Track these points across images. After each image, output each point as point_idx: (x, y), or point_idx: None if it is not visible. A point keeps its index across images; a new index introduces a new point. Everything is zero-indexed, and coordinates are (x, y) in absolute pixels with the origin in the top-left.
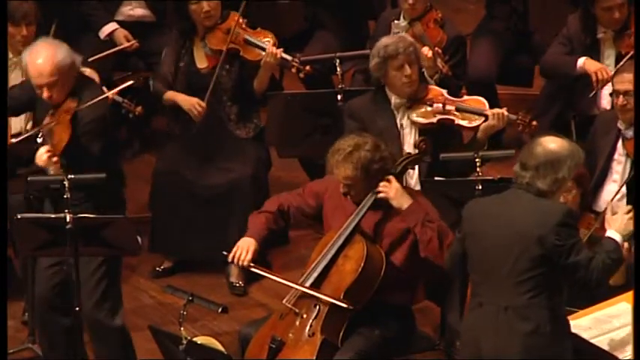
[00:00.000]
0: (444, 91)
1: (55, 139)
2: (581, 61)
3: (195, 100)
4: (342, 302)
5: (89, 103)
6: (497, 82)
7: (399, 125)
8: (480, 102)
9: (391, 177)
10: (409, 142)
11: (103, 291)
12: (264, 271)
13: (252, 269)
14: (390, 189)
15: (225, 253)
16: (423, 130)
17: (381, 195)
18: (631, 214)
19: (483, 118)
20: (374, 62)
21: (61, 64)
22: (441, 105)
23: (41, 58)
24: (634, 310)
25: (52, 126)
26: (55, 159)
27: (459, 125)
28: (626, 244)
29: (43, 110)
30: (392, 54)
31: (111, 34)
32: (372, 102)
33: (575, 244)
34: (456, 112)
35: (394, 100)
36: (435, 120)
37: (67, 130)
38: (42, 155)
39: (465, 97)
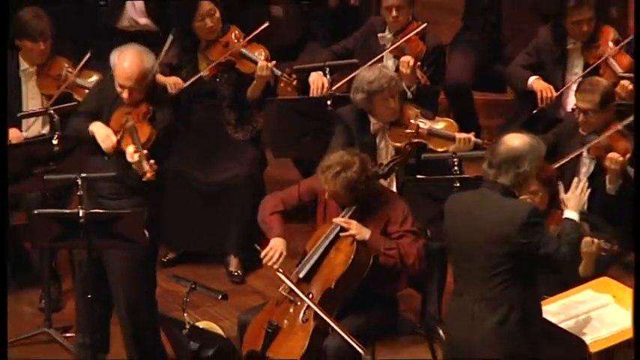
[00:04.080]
0: (419, 112)
1: (142, 138)
2: (531, 80)
3: (174, 78)
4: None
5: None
6: (473, 88)
7: (377, 145)
8: (451, 125)
9: (347, 219)
10: (385, 159)
11: (141, 285)
12: (286, 277)
13: (279, 274)
14: (351, 228)
15: (258, 247)
16: (397, 149)
17: (343, 234)
18: (583, 189)
19: (453, 142)
20: (359, 97)
21: (145, 70)
22: (414, 130)
23: (128, 62)
24: (634, 309)
25: (135, 125)
26: (145, 152)
27: (430, 148)
28: (596, 241)
29: (106, 115)
30: (377, 90)
31: None
32: (357, 115)
33: (541, 238)
34: (428, 136)
35: (373, 124)
36: (408, 144)
37: (149, 128)
38: (132, 154)
39: (438, 119)
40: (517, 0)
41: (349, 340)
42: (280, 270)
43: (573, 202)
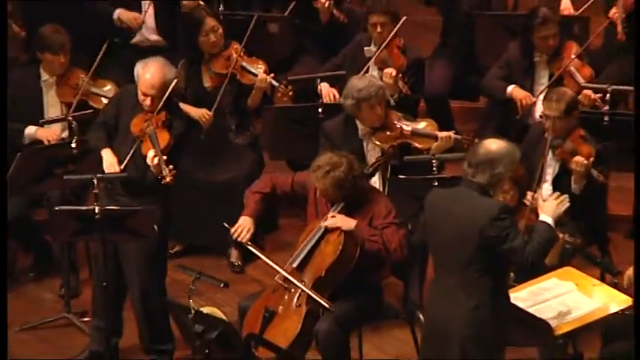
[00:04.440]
0: (401, 115)
1: (161, 144)
2: (510, 89)
3: (203, 110)
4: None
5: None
6: (450, 97)
7: (365, 148)
8: (432, 125)
9: (333, 212)
10: (372, 160)
11: (154, 274)
12: (258, 250)
13: (249, 247)
14: (336, 221)
15: (227, 225)
16: (382, 151)
17: (330, 226)
18: (560, 200)
19: (435, 140)
20: (349, 103)
21: (167, 80)
22: (398, 132)
23: (151, 73)
24: (634, 309)
25: (154, 131)
26: (164, 157)
27: (414, 147)
28: (561, 235)
29: (125, 121)
30: (365, 97)
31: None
32: (344, 126)
33: (510, 233)
34: (411, 136)
35: (361, 129)
36: (394, 144)
37: (168, 135)
38: (152, 158)
39: (419, 120)
40: (489, 18)
41: (314, 296)
42: (250, 244)
43: (549, 210)
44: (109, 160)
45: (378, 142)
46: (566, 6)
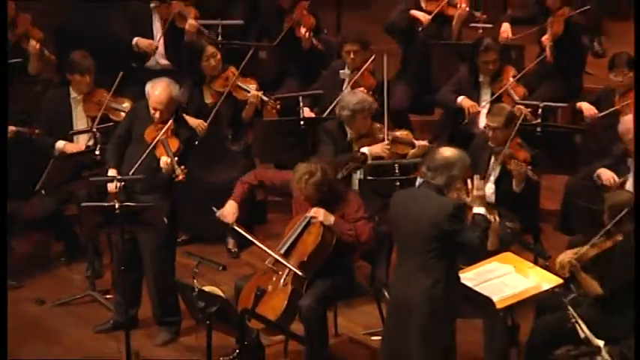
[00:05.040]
0: (381, 126)
1: (173, 148)
2: (460, 99)
3: (200, 121)
4: (299, 271)
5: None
6: (409, 112)
7: (353, 150)
8: (409, 134)
9: (317, 208)
10: None
11: (165, 258)
12: (244, 231)
13: (235, 227)
14: (319, 215)
15: (215, 209)
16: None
17: (313, 220)
18: (477, 189)
19: (412, 147)
20: (345, 114)
21: (172, 97)
22: (381, 139)
23: (159, 90)
24: (635, 309)
25: (166, 139)
26: (176, 159)
27: (395, 153)
28: (498, 219)
29: (138, 132)
30: (360, 109)
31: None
32: (337, 129)
33: (462, 228)
34: (392, 144)
35: (350, 134)
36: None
37: (177, 141)
38: (166, 162)
39: (397, 130)
40: (442, 47)
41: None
42: (235, 223)
43: (476, 202)
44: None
45: (366, 150)
46: (505, 29)
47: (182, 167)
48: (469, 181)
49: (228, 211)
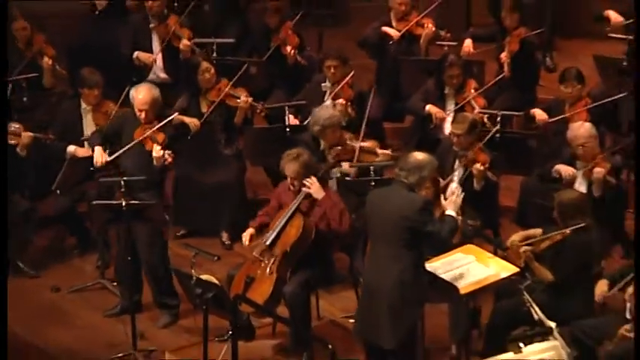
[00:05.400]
0: (352, 135)
1: (159, 140)
2: (428, 107)
3: (194, 119)
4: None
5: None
6: (383, 120)
7: (326, 157)
8: (375, 144)
9: (313, 178)
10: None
11: (158, 248)
12: (270, 252)
13: (250, 246)
14: (313, 185)
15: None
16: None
17: (306, 189)
18: (455, 197)
19: (376, 156)
20: (316, 128)
21: (153, 99)
22: (351, 148)
23: (142, 94)
24: (635, 308)
25: (153, 134)
26: (166, 151)
27: (362, 160)
28: (461, 218)
29: (129, 134)
30: (329, 124)
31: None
32: (312, 140)
33: (429, 221)
34: (359, 153)
35: (323, 145)
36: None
37: (162, 134)
38: (157, 151)
39: (365, 140)
40: (411, 62)
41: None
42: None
43: (451, 206)
44: (99, 152)
45: (335, 158)
46: (467, 44)
47: (169, 152)
48: (449, 188)
49: (246, 235)
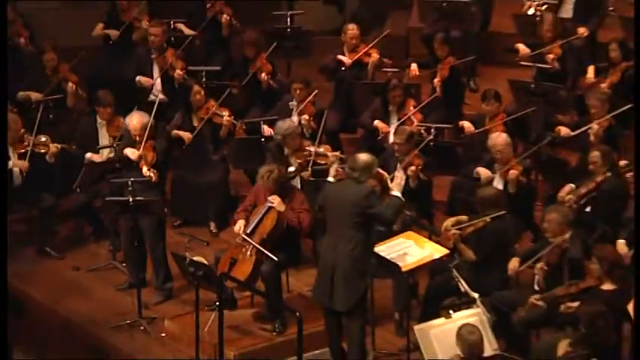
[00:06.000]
0: (310, 142)
1: (150, 160)
2: (375, 122)
3: (188, 133)
4: (260, 247)
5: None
6: (340, 131)
7: (290, 162)
8: (329, 149)
9: (275, 196)
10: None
11: (159, 236)
12: (249, 239)
13: (245, 237)
14: (275, 201)
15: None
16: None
17: (269, 204)
18: (400, 179)
19: (329, 159)
20: (279, 137)
21: (144, 123)
22: (308, 153)
23: (135, 120)
24: (635, 308)
25: (145, 154)
26: (152, 170)
27: (317, 162)
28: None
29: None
30: (288, 134)
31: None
32: (277, 148)
33: (376, 204)
34: (315, 156)
35: (286, 151)
36: (303, 161)
37: (153, 154)
38: (146, 172)
39: (321, 146)
40: (362, 85)
41: (264, 251)
42: (244, 235)
43: (397, 188)
44: (131, 151)
45: (296, 160)
46: (414, 67)
47: (154, 171)
48: (395, 174)
49: (241, 226)
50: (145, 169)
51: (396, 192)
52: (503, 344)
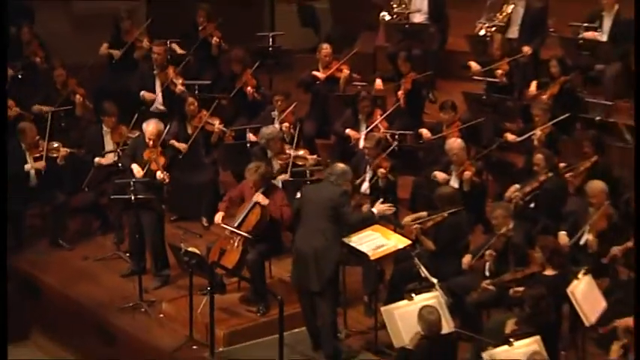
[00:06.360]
0: (291, 147)
1: (162, 163)
2: (347, 130)
3: (183, 144)
4: (247, 235)
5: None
6: (315, 137)
7: (273, 163)
8: (307, 152)
9: (259, 193)
10: (276, 170)
11: (158, 229)
12: (227, 225)
13: (222, 225)
14: (259, 198)
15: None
16: (280, 165)
17: (254, 199)
18: (387, 207)
19: (307, 161)
20: (263, 142)
21: (159, 130)
22: (288, 155)
23: (151, 127)
24: (635, 308)
25: (157, 157)
26: (164, 173)
27: (297, 164)
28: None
29: (140, 152)
30: (271, 138)
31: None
32: (262, 152)
33: (346, 204)
34: (294, 158)
35: (269, 154)
36: (285, 163)
37: (164, 158)
38: (160, 174)
39: (299, 149)
40: (335, 97)
41: (242, 233)
42: (221, 223)
43: (379, 208)
44: (137, 169)
45: (278, 162)
46: (379, 83)
47: (167, 174)
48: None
49: (218, 217)
50: (159, 173)
51: (375, 210)
52: (458, 323)
